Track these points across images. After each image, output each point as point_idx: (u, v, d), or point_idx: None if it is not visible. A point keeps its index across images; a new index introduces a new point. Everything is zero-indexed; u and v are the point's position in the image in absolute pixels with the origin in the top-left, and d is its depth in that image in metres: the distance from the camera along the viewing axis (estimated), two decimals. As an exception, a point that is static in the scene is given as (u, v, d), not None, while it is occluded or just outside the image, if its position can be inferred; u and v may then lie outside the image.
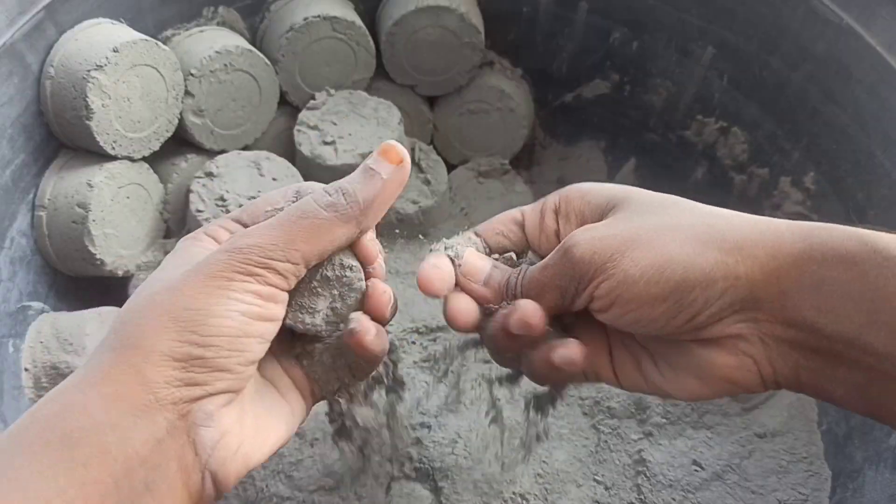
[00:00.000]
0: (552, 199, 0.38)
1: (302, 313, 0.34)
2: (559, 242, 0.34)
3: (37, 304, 0.56)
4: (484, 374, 0.46)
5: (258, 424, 0.32)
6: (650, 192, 0.36)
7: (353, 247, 0.35)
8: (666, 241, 0.31)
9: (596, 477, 0.52)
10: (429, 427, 0.52)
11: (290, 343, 0.36)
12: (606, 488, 0.51)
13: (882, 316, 0.28)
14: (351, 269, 0.34)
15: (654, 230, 0.32)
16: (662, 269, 0.31)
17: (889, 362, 0.29)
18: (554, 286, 0.34)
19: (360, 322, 0.34)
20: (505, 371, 0.42)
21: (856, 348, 0.29)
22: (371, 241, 0.35)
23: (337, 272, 0.34)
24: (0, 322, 0.52)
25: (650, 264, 0.31)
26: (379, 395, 0.42)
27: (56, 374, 0.52)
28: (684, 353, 0.33)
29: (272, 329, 0.32)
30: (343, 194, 0.32)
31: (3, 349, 0.51)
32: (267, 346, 0.32)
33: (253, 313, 0.30)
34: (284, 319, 0.33)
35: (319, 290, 0.34)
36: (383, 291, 0.35)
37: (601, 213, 0.36)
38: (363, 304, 0.35)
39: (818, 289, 0.29)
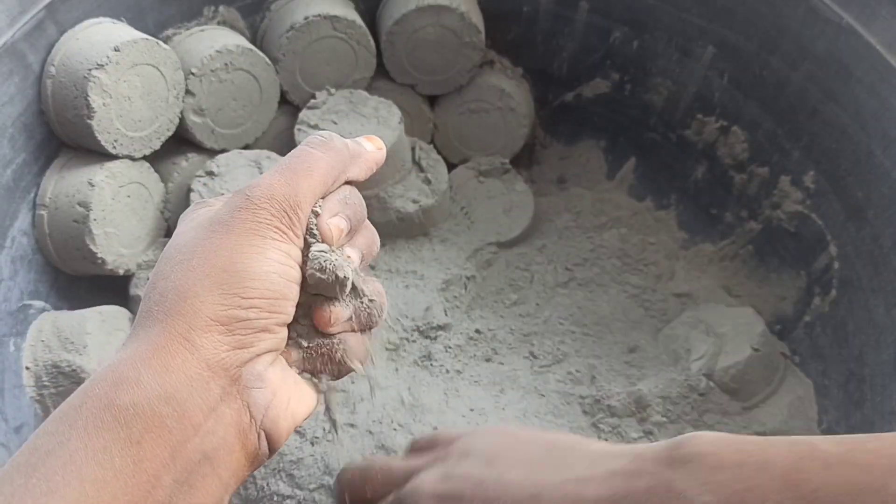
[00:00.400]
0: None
1: None
2: None
3: (38, 303, 0.56)
4: None
5: (298, 383, 0.33)
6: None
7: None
8: None
9: (596, 475, 0.52)
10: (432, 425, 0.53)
11: None
12: (606, 487, 0.51)
13: None
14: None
15: None
16: None
17: None
18: None
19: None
20: None
21: None
22: (331, 223, 0.33)
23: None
24: (1, 321, 0.52)
25: None
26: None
27: (57, 373, 0.52)
28: None
29: (297, 290, 0.32)
30: (334, 137, 0.34)
31: (4, 348, 0.52)
32: (294, 308, 0.32)
33: (287, 275, 0.31)
34: None
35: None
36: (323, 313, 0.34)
37: None
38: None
39: None
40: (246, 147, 0.65)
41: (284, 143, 0.68)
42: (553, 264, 0.68)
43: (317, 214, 0.33)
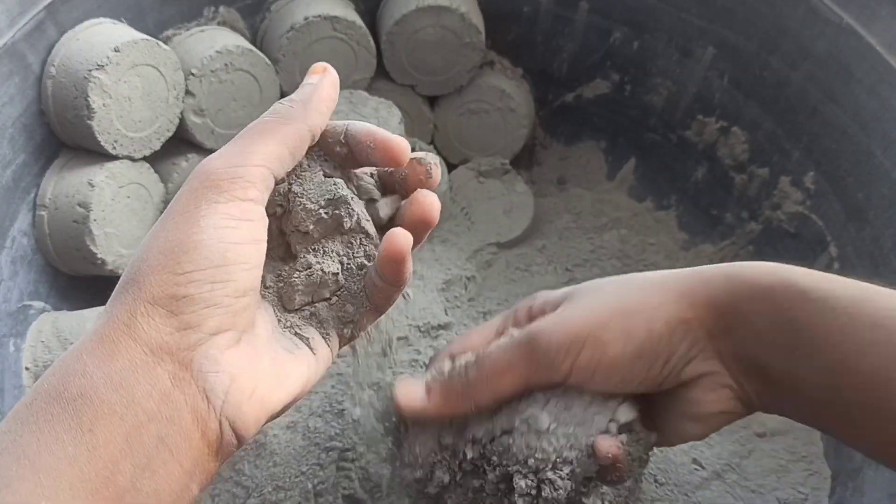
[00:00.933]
0: (522, 305, 0.40)
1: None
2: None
3: (38, 304, 0.56)
4: None
5: (276, 366, 0.31)
6: (595, 280, 0.39)
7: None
8: (625, 306, 0.34)
9: (596, 476, 0.52)
10: None
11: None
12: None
13: (800, 347, 0.31)
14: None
15: (611, 300, 0.35)
16: (630, 331, 0.33)
17: (817, 390, 0.31)
18: (516, 373, 0.35)
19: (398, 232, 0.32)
20: None
21: (788, 376, 0.32)
22: (397, 137, 0.33)
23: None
24: (1, 321, 0.52)
25: (619, 329, 0.34)
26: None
27: (57, 374, 0.52)
28: (673, 401, 0.36)
29: (255, 252, 0.30)
30: (280, 102, 0.33)
31: (4, 348, 0.52)
32: (256, 273, 0.31)
33: (229, 238, 0.29)
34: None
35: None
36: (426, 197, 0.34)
37: (559, 304, 0.38)
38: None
39: (748, 323, 0.32)
40: (246, 147, 0.65)
41: (284, 144, 0.68)
42: (553, 265, 0.68)
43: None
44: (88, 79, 0.52)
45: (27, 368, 0.52)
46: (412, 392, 0.37)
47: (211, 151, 0.62)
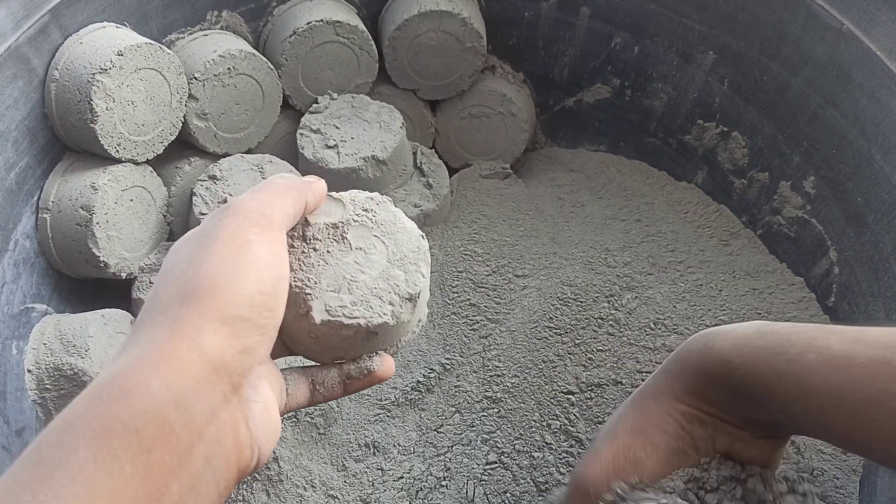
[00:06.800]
0: None
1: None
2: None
3: (40, 306, 0.56)
4: None
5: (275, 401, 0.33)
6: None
7: None
8: (637, 424, 0.38)
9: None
10: None
11: None
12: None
13: (764, 410, 0.35)
14: None
15: (624, 426, 0.39)
16: (653, 441, 0.38)
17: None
18: None
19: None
20: None
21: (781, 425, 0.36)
22: None
23: None
24: (4, 324, 0.52)
25: (645, 443, 0.38)
26: None
27: (59, 376, 0.52)
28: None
29: (287, 287, 0.32)
30: (290, 174, 0.37)
31: (6, 351, 0.52)
32: (284, 306, 0.32)
33: (276, 269, 0.31)
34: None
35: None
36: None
37: None
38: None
39: (723, 403, 0.37)
40: (248, 151, 0.65)
41: (287, 148, 0.68)
42: (554, 269, 0.68)
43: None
44: (92, 82, 0.52)
45: (29, 371, 0.52)
46: None
47: (214, 155, 0.63)
